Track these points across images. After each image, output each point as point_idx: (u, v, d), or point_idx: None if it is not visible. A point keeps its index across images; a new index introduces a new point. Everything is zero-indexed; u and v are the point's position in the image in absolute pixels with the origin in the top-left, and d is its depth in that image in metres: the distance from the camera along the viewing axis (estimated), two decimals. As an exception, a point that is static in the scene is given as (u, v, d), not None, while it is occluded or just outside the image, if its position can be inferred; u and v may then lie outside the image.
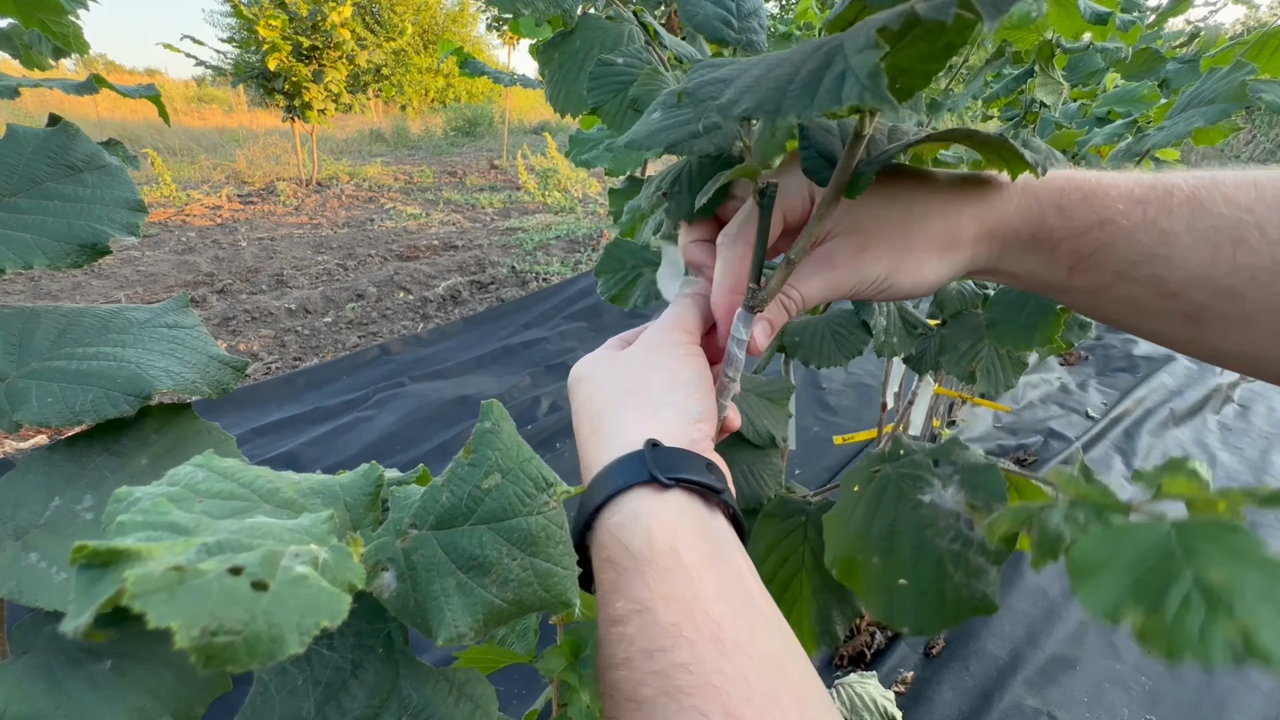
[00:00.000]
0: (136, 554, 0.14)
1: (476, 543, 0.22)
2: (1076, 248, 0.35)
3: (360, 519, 0.23)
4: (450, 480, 0.23)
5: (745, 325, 0.37)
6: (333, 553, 0.17)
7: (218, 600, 0.13)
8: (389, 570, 0.22)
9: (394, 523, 0.23)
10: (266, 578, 0.14)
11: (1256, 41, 0.85)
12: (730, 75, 0.24)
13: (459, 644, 0.21)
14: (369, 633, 0.25)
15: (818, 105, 0.20)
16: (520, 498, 0.23)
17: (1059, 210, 0.36)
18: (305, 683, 0.23)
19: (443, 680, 0.25)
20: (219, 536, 0.15)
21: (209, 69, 8.21)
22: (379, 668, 0.24)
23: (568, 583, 0.23)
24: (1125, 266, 0.34)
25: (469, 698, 0.25)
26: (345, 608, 0.15)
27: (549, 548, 0.23)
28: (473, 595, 0.21)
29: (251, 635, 0.13)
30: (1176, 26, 2.78)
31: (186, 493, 0.19)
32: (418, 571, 0.22)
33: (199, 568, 0.14)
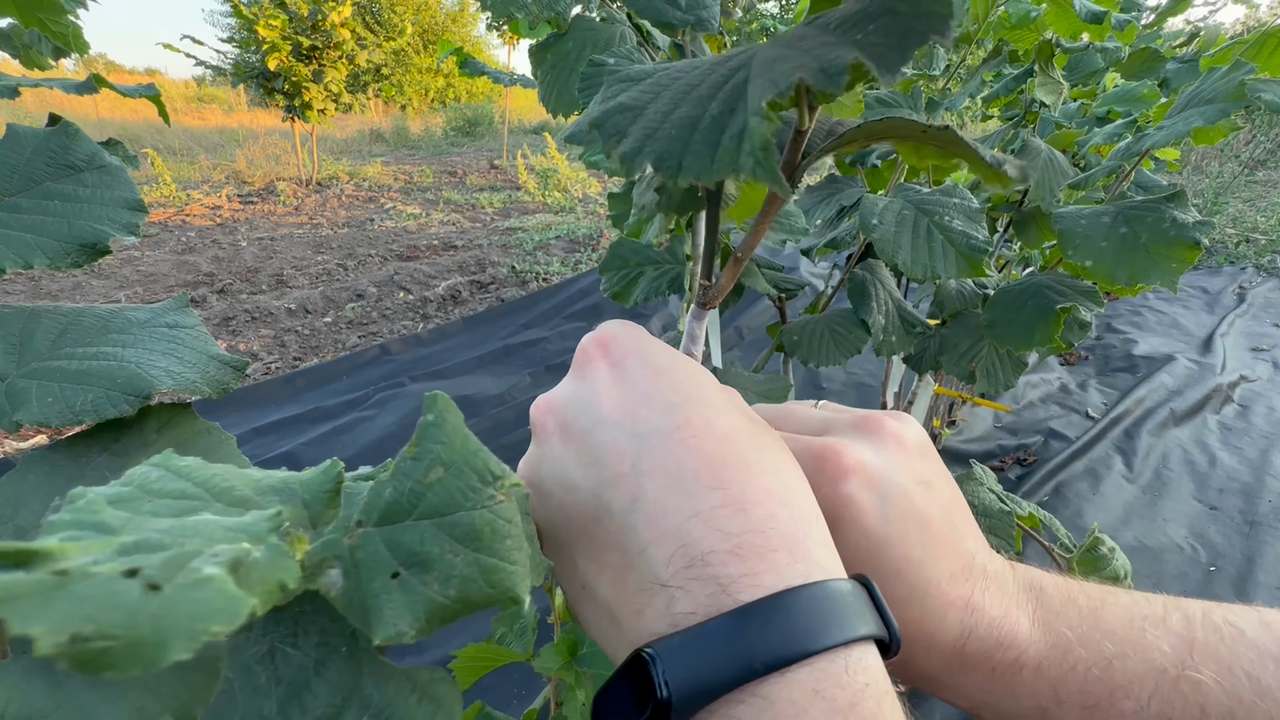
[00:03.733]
0: (47, 554, 0.13)
1: (418, 539, 0.21)
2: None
3: (319, 516, 0.22)
4: (394, 475, 0.22)
5: (699, 321, 0.37)
6: (267, 550, 0.16)
7: (98, 604, 0.13)
8: (335, 568, 0.21)
9: (344, 520, 0.22)
10: (163, 580, 0.14)
11: (1256, 41, 0.85)
12: (641, 101, 0.22)
13: (398, 641, 0.20)
14: (334, 631, 0.24)
15: (716, 171, 0.19)
16: (463, 492, 0.22)
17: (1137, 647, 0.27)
18: (269, 681, 0.23)
19: (405, 680, 0.25)
20: (140, 536, 0.15)
21: (209, 69, 8.22)
22: (342, 666, 0.24)
23: (515, 578, 0.22)
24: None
25: (431, 698, 0.25)
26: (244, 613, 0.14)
27: (494, 543, 0.22)
28: (414, 593, 0.21)
29: (132, 640, 0.13)
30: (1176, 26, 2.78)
31: (138, 492, 0.18)
32: (361, 569, 0.21)
33: (90, 570, 0.13)
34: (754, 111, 0.19)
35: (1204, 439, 2.40)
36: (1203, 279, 4.09)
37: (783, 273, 0.98)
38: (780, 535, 0.21)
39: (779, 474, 0.23)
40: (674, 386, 0.25)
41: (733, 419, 0.24)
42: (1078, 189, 1.04)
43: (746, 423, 0.25)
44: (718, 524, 0.21)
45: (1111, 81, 1.52)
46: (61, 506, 0.17)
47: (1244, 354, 3.07)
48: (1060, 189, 0.90)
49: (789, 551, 0.21)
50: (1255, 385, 2.77)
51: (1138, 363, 2.93)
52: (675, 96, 0.22)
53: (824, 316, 0.88)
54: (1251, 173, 6.78)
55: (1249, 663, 0.25)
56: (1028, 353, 0.90)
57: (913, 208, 0.69)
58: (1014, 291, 0.88)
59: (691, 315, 0.37)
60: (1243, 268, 4.32)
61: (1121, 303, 3.54)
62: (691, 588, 0.21)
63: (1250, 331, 3.34)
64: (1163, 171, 1.76)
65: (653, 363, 0.26)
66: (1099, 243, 0.78)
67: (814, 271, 3.53)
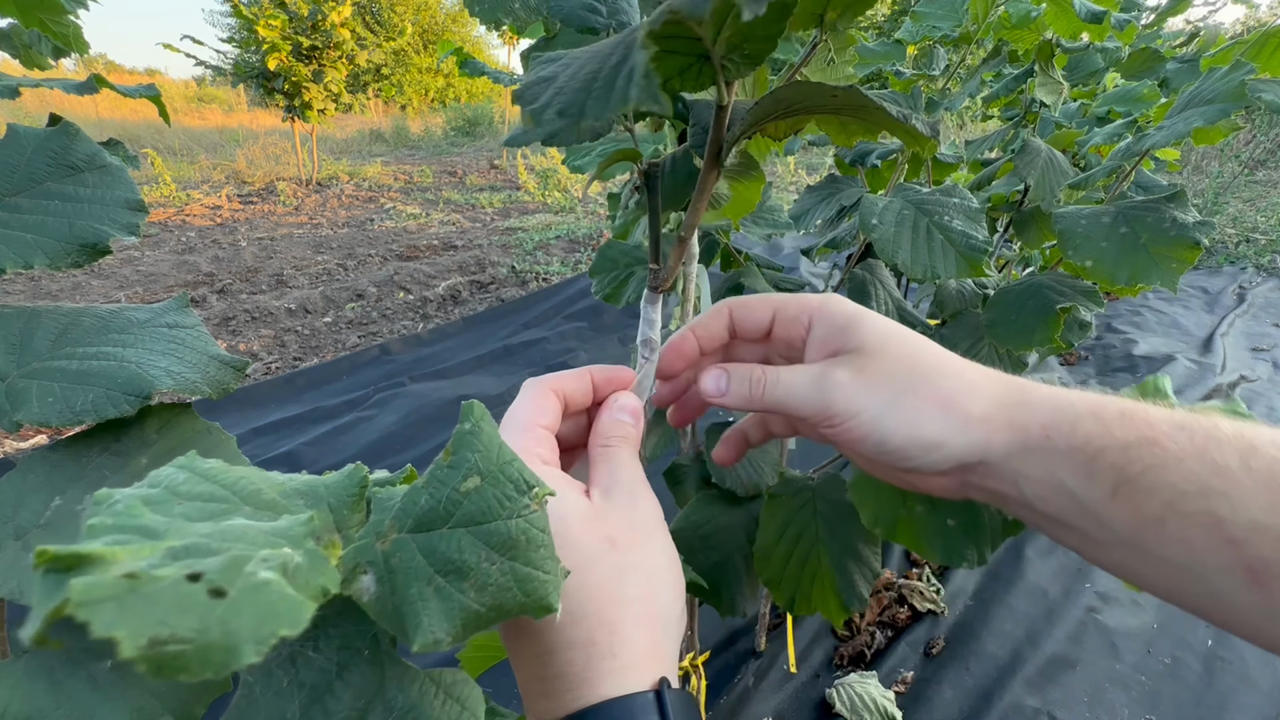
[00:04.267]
0: (100, 558, 0.13)
1: (454, 546, 0.21)
2: (1119, 463, 0.30)
3: (344, 521, 0.22)
4: (430, 482, 0.23)
5: (652, 305, 0.37)
6: (307, 556, 0.16)
7: (170, 607, 0.13)
8: (368, 574, 0.21)
9: (375, 525, 0.22)
10: (226, 585, 0.14)
11: (1256, 41, 0.85)
12: (554, 73, 0.24)
13: (435, 649, 0.20)
14: (355, 634, 0.24)
15: (612, 106, 0.21)
16: (500, 500, 0.22)
17: (1095, 418, 0.31)
18: (290, 685, 0.23)
19: (429, 682, 0.25)
20: (188, 540, 0.15)
21: (209, 69, 8.21)
22: (365, 670, 0.24)
23: (548, 587, 0.22)
24: (1177, 497, 0.28)
25: (455, 699, 0.25)
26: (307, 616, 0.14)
27: (529, 552, 0.22)
28: (450, 600, 0.21)
29: (204, 645, 0.13)
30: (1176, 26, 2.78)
31: (166, 495, 0.18)
32: (396, 575, 0.21)
33: (155, 574, 0.13)
34: (638, 47, 0.21)
35: (1204, 439, 2.39)
36: (1203, 279, 4.09)
37: (782, 273, 0.98)
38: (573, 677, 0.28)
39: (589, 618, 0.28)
40: None
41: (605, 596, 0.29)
42: (1078, 189, 1.04)
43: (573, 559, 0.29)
44: (532, 671, 0.28)
45: (1111, 81, 1.52)
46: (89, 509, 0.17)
47: (1244, 354, 3.07)
48: (1060, 189, 0.90)
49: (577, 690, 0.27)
50: (1255, 385, 2.77)
51: (1138, 363, 2.93)
52: (585, 61, 0.24)
53: (824, 316, 0.88)
54: (1251, 173, 6.78)
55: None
56: (1028, 353, 0.90)
57: (912, 207, 0.69)
58: (1014, 291, 0.88)
59: (645, 300, 0.38)
60: (1243, 268, 4.32)
61: (1121, 303, 3.54)
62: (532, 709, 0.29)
63: (1250, 331, 3.33)
64: (1163, 171, 1.76)
65: None
66: (1099, 243, 0.78)
67: (814, 271, 3.53)
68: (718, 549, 0.69)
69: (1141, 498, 0.29)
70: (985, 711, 1.33)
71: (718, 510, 0.71)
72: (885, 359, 0.33)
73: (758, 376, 0.35)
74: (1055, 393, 0.33)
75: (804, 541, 0.63)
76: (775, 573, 0.64)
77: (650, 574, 0.31)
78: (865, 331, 0.34)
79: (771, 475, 0.70)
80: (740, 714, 1.33)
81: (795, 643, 1.45)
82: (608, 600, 0.28)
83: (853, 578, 0.62)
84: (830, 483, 0.66)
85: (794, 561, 0.63)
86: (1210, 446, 0.28)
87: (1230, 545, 0.28)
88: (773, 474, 0.70)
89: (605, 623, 0.28)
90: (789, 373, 0.35)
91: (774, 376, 0.35)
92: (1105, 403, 0.32)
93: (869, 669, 1.42)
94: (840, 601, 0.62)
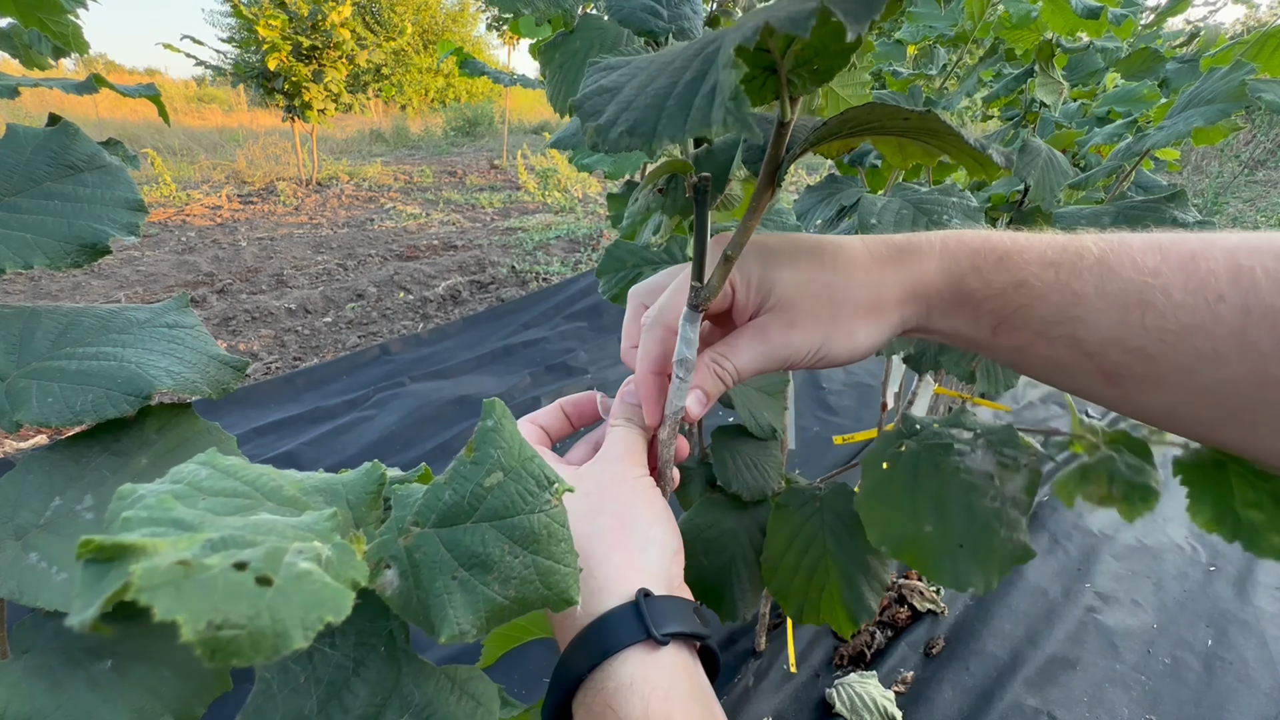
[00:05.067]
0: (142, 549, 0.14)
1: (479, 540, 0.22)
2: (996, 308, 0.36)
3: (362, 517, 0.23)
4: (453, 478, 0.23)
5: (691, 325, 0.37)
6: (335, 550, 0.17)
7: (222, 594, 0.13)
8: (391, 568, 0.22)
9: (396, 521, 0.23)
10: (271, 573, 0.14)
11: (1256, 41, 0.85)
12: (618, 83, 0.23)
13: (461, 640, 0.21)
14: (371, 631, 0.25)
15: (690, 129, 0.19)
16: (522, 495, 0.23)
17: (976, 271, 0.37)
18: (308, 681, 0.23)
19: (445, 678, 0.25)
20: (223, 533, 0.16)
21: (209, 69, 8.20)
22: (381, 666, 0.24)
23: (569, 580, 0.23)
24: (1042, 327, 0.35)
25: (471, 695, 0.25)
26: (349, 603, 0.15)
27: (550, 545, 0.23)
28: (475, 593, 0.21)
29: (256, 630, 0.13)
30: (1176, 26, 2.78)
31: (190, 490, 0.19)
32: (420, 569, 0.22)
33: (204, 562, 0.14)
34: (724, 65, 0.19)
35: (1204, 439, 2.40)
36: (1203, 279, 4.09)
37: (783, 273, 0.97)
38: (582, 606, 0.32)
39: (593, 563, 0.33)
40: None
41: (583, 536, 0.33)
42: (1078, 189, 1.04)
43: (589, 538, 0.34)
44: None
45: (1111, 81, 1.52)
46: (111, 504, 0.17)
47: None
48: (1060, 189, 0.90)
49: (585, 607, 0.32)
50: (1255, 385, 2.77)
51: (1138, 363, 2.93)
52: (653, 73, 0.22)
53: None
54: (1251, 173, 6.78)
55: None
56: (1028, 353, 0.90)
57: (911, 207, 0.69)
58: (1014, 291, 0.88)
59: (684, 319, 0.37)
60: (1243, 268, 4.31)
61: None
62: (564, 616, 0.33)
63: (1250, 331, 3.33)
64: (1163, 171, 1.76)
65: None
66: (1099, 243, 0.78)
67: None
68: (721, 553, 0.68)
69: (1015, 332, 0.36)
70: (985, 711, 1.33)
71: (722, 514, 0.71)
72: (805, 304, 0.38)
73: (718, 371, 0.39)
74: (944, 250, 0.38)
75: (812, 553, 0.63)
76: (783, 583, 0.64)
77: (619, 508, 0.35)
78: (779, 286, 0.38)
79: (776, 480, 0.70)
80: (740, 714, 1.33)
81: (795, 643, 1.45)
82: (580, 535, 0.32)
83: (861, 590, 0.62)
84: (838, 493, 0.65)
85: (801, 573, 0.63)
86: (1071, 279, 0.34)
87: (1087, 357, 0.34)
88: (778, 478, 0.70)
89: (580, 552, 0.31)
90: (734, 350, 0.39)
91: (729, 364, 0.39)
92: (985, 252, 0.37)
93: (869, 669, 1.42)
94: (848, 613, 0.62)
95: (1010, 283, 0.36)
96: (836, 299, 0.38)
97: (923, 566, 0.50)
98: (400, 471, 0.28)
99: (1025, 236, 0.37)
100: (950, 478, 0.51)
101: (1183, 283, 0.32)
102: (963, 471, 0.51)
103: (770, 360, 0.39)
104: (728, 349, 0.39)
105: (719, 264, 0.36)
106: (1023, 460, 0.52)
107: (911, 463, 0.53)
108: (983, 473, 0.51)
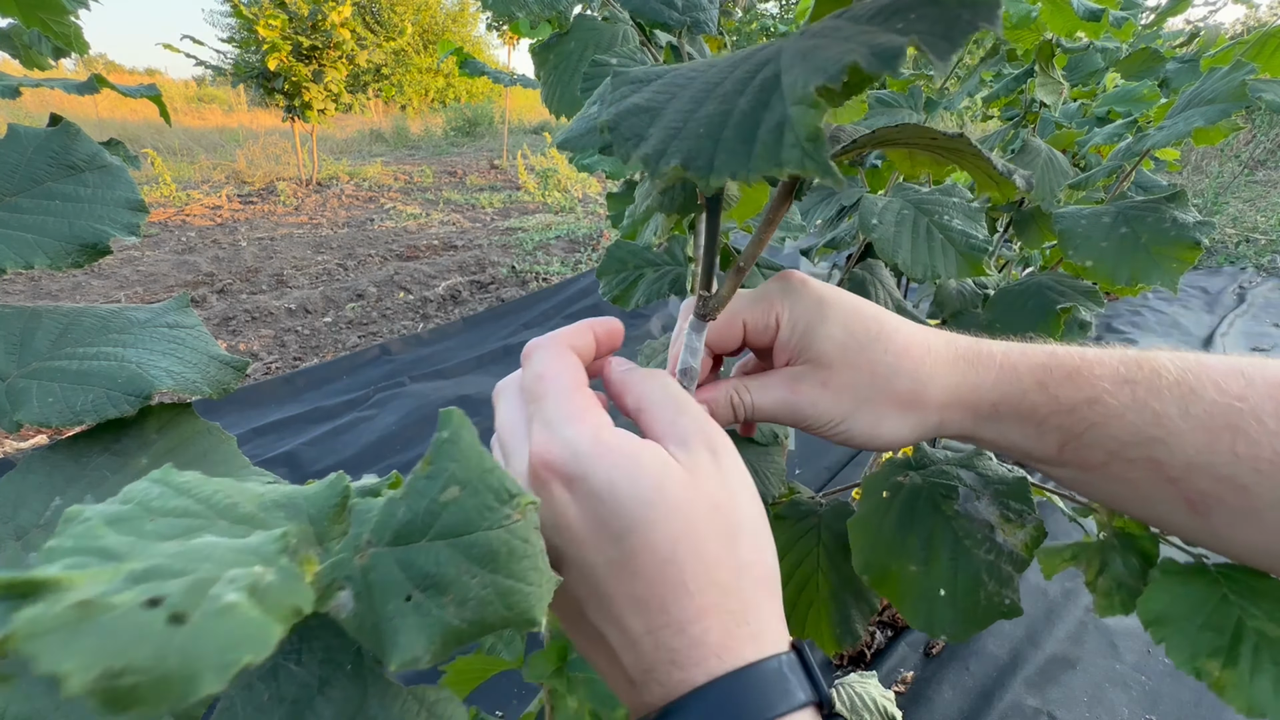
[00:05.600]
0: (55, 584, 0.13)
1: (433, 560, 0.21)
2: (1065, 424, 0.34)
3: (325, 533, 0.21)
4: (408, 493, 0.22)
5: (698, 333, 0.36)
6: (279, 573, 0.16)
7: (126, 638, 0.12)
8: (345, 589, 0.20)
9: (354, 538, 0.21)
10: (189, 609, 0.13)
11: (1256, 41, 0.85)
12: (657, 102, 0.21)
13: (413, 667, 0.20)
14: (338, 648, 0.24)
15: (755, 167, 0.18)
16: (480, 511, 0.21)
17: (1041, 387, 0.34)
18: (271, 699, 0.23)
19: (412, 700, 0.24)
20: (151, 562, 0.15)
21: (209, 69, 8.20)
22: (346, 685, 0.23)
23: (531, 600, 0.21)
24: (1118, 447, 0.32)
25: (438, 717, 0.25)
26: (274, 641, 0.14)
27: (511, 564, 0.21)
28: (428, 616, 0.20)
29: (161, 675, 0.12)
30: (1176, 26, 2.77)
31: (139, 510, 0.18)
32: (374, 591, 0.20)
33: (111, 601, 0.13)
34: (796, 101, 0.18)
35: (1204, 439, 2.39)
36: (1203, 279, 4.09)
37: (783, 273, 0.97)
38: (713, 645, 0.26)
39: (714, 586, 0.27)
40: (618, 513, 0.27)
41: (674, 531, 0.27)
42: (1078, 189, 1.04)
43: (687, 527, 0.27)
44: (663, 641, 0.26)
45: (1111, 82, 1.52)
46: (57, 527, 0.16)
47: (1244, 354, 3.07)
48: (1060, 189, 0.90)
49: (719, 656, 0.26)
50: (1255, 385, 2.77)
51: (1138, 363, 2.92)
52: (696, 95, 0.21)
53: (824, 316, 0.88)
54: (1251, 173, 6.77)
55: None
56: (1028, 353, 0.90)
57: (912, 207, 0.69)
58: (1014, 291, 0.88)
59: (690, 328, 0.36)
60: (1243, 268, 4.32)
61: (1121, 303, 3.54)
62: (651, 688, 0.26)
63: (1250, 331, 3.33)
64: (1163, 171, 1.76)
65: (596, 485, 0.27)
66: (1099, 243, 0.78)
67: (814, 271, 3.52)
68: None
69: (1086, 451, 0.33)
70: (985, 711, 1.33)
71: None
72: (845, 371, 0.36)
73: (734, 401, 0.37)
74: (1006, 363, 0.36)
75: (804, 568, 0.63)
76: (773, 593, 0.63)
77: (754, 532, 0.30)
78: (824, 342, 0.36)
79: (778, 485, 0.70)
80: (740, 714, 1.33)
81: (795, 643, 1.45)
82: (729, 568, 0.28)
83: (849, 612, 0.61)
84: (837, 512, 0.65)
85: (792, 585, 0.62)
86: (1150, 398, 0.32)
87: (1170, 483, 0.32)
88: (779, 484, 0.70)
89: (732, 590, 0.27)
90: (761, 387, 0.37)
91: (749, 397, 0.37)
92: (1052, 367, 0.34)
93: (869, 669, 1.42)
94: (833, 634, 0.61)
95: (1081, 399, 0.33)
96: (877, 379, 0.36)
97: (898, 602, 0.49)
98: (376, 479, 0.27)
99: (1094, 351, 0.35)
100: (947, 522, 0.50)
101: (1274, 410, 0.30)
102: (961, 518, 0.50)
103: (790, 413, 0.37)
104: (756, 384, 0.37)
105: (730, 274, 0.35)
106: (1028, 518, 0.50)
107: (911, 498, 0.52)
108: (983, 522, 0.49)
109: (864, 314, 0.37)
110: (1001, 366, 0.36)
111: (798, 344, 0.37)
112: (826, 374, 0.36)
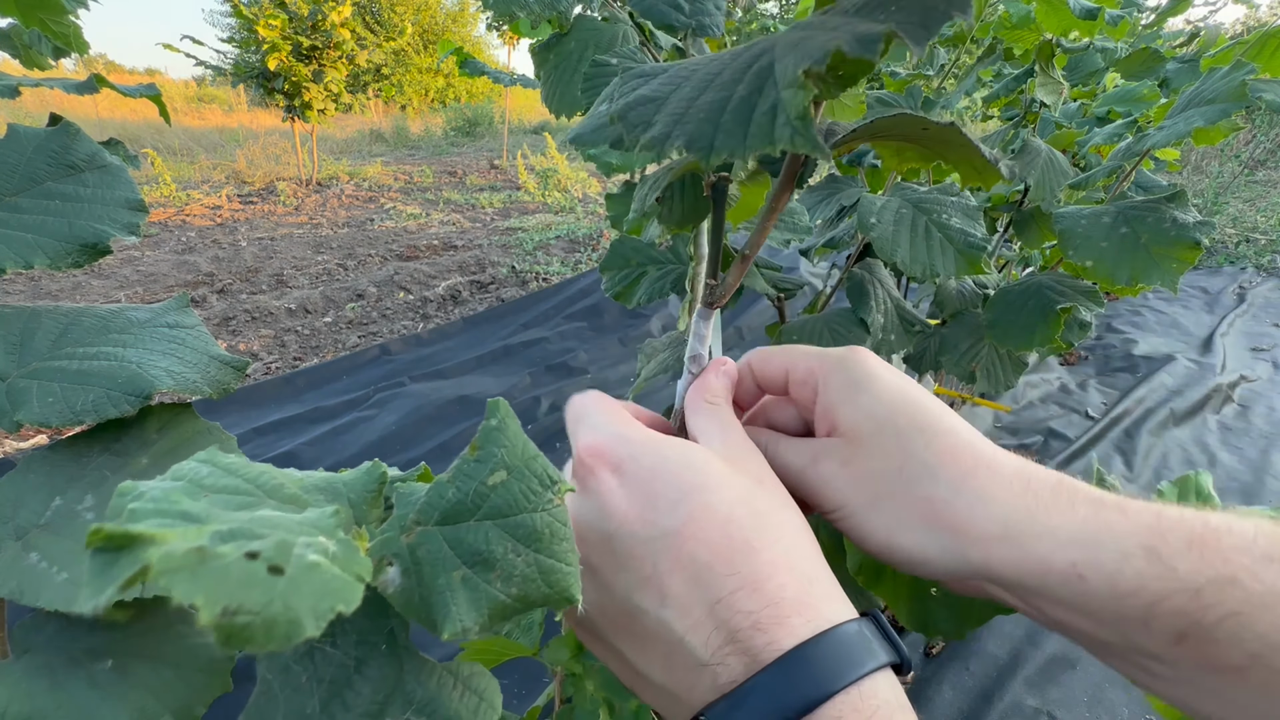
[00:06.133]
0: (152, 538, 0.14)
1: (482, 538, 0.22)
2: (1186, 609, 0.25)
3: (363, 515, 0.23)
4: (456, 476, 0.23)
5: (705, 321, 0.37)
6: (340, 545, 0.17)
7: (237, 581, 0.14)
8: (393, 565, 0.22)
9: (399, 518, 0.23)
10: (282, 563, 0.14)
11: (1256, 41, 0.85)
12: (662, 93, 0.23)
13: (463, 638, 0.21)
14: (371, 630, 0.25)
15: (750, 146, 0.20)
16: (525, 494, 0.23)
17: (1151, 554, 0.25)
18: (309, 680, 0.23)
19: (447, 675, 0.25)
20: (231, 525, 0.16)
21: (209, 69, 8.21)
22: (383, 664, 0.24)
23: (570, 579, 0.23)
24: (1267, 650, 0.23)
25: (473, 691, 0.26)
26: (359, 594, 0.15)
27: (553, 544, 0.23)
28: (477, 590, 0.22)
29: (269, 616, 0.13)
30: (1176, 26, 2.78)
31: (192, 487, 0.19)
32: (423, 567, 0.22)
33: (217, 550, 0.14)
34: (786, 85, 0.19)
35: (1204, 439, 2.40)
36: (1203, 279, 4.09)
37: (781, 272, 0.97)
38: (790, 601, 0.25)
39: (780, 543, 0.27)
40: (672, 482, 0.28)
41: (730, 496, 0.27)
42: (1078, 189, 1.04)
43: (743, 493, 0.28)
44: (737, 605, 0.25)
45: (1111, 82, 1.52)
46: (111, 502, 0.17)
47: (1244, 354, 3.07)
48: (1060, 189, 0.90)
49: (799, 614, 0.25)
50: (1255, 385, 2.77)
51: (1138, 363, 2.93)
52: (698, 85, 0.22)
53: (823, 316, 0.88)
54: (1251, 173, 6.78)
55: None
56: (1028, 353, 0.90)
57: (911, 206, 0.69)
58: (1014, 291, 0.88)
59: (698, 315, 0.37)
60: (1243, 268, 4.32)
61: (1121, 303, 3.54)
62: (729, 662, 0.25)
63: (1250, 331, 3.34)
64: (1163, 171, 1.76)
65: (647, 464, 0.28)
66: (1099, 243, 0.78)
67: (813, 271, 3.52)
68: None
69: (1218, 648, 0.24)
70: (985, 711, 1.33)
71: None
72: (873, 455, 0.30)
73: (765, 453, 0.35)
74: (1092, 510, 0.27)
75: None
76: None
77: (797, 510, 0.30)
78: (859, 416, 0.31)
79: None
80: (740, 714, 1.33)
81: (795, 643, 1.45)
82: (791, 529, 0.27)
83: None
84: None
85: None
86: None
87: None
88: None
89: (794, 549, 0.26)
90: (785, 452, 0.34)
91: (772, 451, 0.34)
92: (1166, 529, 0.26)
93: (869, 669, 1.42)
94: None
95: (1211, 578, 0.24)
96: (906, 475, 0.30)
97: (892, 603, 0.48)
98: (399, 471, 0.28)
99: (1219, 517, 0.26)
100: None
101: None
102: None
103: (800, 485, 0.32)
104: (785, 444, 0.34)
105: (735, 263, 0.35)
106: None
107: None
108: None
109: (913, 399, 0.31)
110: (1083, 514, 0.27)
111: (833, 411, 0.33)
112: (851, 452, 0.31)
